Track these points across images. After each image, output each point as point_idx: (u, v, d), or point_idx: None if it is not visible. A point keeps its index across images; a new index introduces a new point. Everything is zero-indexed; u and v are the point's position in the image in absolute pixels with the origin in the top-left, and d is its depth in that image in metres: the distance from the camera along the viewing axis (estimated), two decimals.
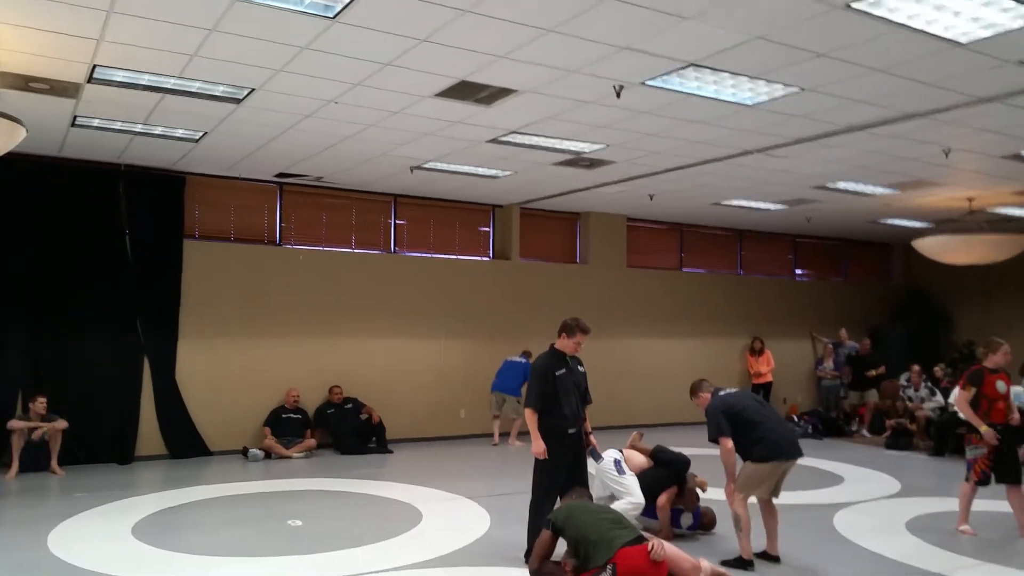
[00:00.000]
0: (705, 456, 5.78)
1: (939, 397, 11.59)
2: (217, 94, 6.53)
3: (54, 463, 8.47)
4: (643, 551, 4.41)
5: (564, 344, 5.67)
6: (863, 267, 16.23)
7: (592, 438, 5.88)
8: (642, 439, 6.90)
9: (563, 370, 5.61)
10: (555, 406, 5.52)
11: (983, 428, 6.35)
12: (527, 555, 5.54)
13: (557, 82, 6.09)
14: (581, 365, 5.82)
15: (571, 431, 5.58)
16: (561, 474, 5.52)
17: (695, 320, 13.70)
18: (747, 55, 5.45)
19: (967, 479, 6.56)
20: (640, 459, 6.51)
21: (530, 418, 5.56)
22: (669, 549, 4.60)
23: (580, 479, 5.56)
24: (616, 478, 6.05)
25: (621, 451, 6.41)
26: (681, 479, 6.39)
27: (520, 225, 12.20)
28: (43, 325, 8.93)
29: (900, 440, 11.27)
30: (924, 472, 9.54)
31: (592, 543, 4.56)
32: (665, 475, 6.37)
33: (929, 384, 11.94)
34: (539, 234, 12.52)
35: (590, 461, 5.95)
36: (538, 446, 5.48)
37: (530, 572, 4.95)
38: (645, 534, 4.72)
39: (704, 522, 6.46)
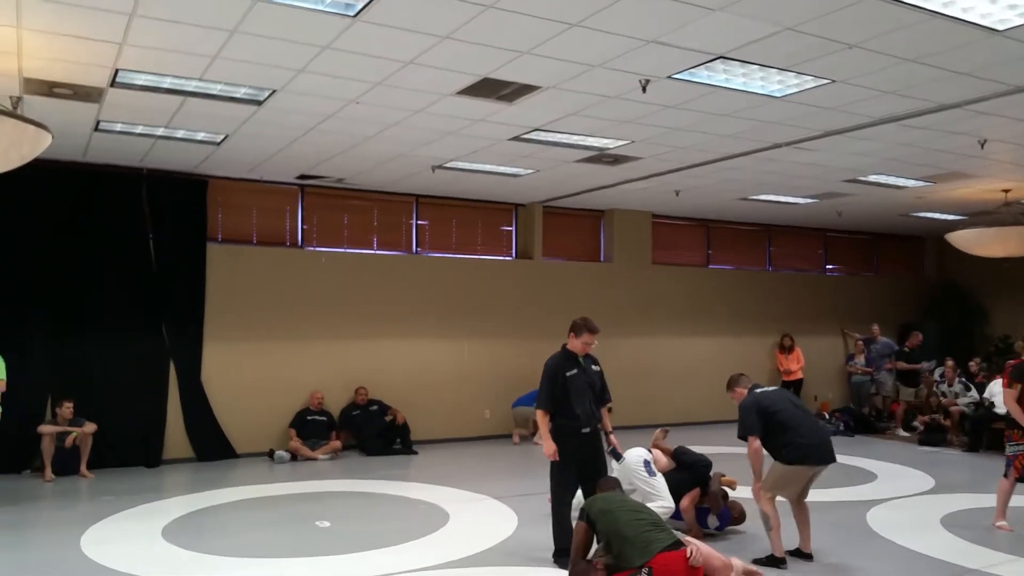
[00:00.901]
0: (732, 455, 5.68)
1: (973, 392, 11.38)
2: (239, 96, 6.51)
3: (83, 467, 8.51)
4: (681, 556, 4.31)
5: (573, 344, 5.63)
6: (895, 261, 15.96)
7: (613, 438, 5.81)
8: (666, 437, 6.80)
9: (574, 370, 5.55)
10: (566, 407, 5.48)
11: None
12: (555, 555, 5.50)
13: (581, 77, 6.00)
14: (596, 364, 5.75)
15: (585, 431, 5.51)
16: (575, 474, 5.48)
17: (723, 317, 13.52)
18: (776, 47, 5.33)
19: (1005, 475, 6.42)
20: (663, 461, 6.42)
21: (541, 419, 5.54)
22: (703, 549, 4.50)
23: (597, 478, 5.43)
24: (647, 479, 5.97)
25: (650, 450, 6.32)
26: (703, 481, 6.29)
27: (543, 224, 12.10)
28: (68, 329, 8.98)
29: (933, 436, 11.09)
30: (958, 468, 9.38)
31: (627, 540, 4.45)
32: (687, 478, 6.28)
33: (963, 379, 11.74)
34: (562, 232, 12.41)
35: (611, 461, 5.86)
36: (548, 447, 5.45)
37: (570, 563, 4.87)
38: (682, 536, 4.61)
39: (734, 515, 6.36)
